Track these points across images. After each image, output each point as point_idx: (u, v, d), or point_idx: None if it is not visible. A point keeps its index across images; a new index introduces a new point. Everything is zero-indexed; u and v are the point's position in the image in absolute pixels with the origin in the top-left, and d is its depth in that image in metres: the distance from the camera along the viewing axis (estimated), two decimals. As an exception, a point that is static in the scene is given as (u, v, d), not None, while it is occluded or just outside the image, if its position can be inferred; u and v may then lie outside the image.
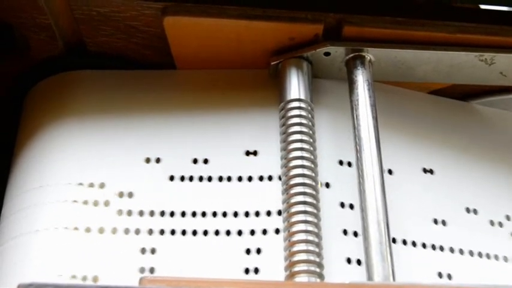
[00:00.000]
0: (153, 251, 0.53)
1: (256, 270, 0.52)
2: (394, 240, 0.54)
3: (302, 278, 0.49)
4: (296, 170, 0.53)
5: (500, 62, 0.59)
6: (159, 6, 0.56)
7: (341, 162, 0.57)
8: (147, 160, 0.56)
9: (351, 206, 0.55)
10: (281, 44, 0.58)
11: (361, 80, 0.57)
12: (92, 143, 0.57)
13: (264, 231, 0.54)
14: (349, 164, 0.57)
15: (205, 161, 0.56)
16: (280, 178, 0.55)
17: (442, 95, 0.63)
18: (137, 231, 0.54)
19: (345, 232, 0.54)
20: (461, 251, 0.56)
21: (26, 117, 0.60)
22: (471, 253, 0.56)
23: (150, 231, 0.54)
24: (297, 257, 0.50)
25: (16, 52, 0.59)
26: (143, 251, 0.53)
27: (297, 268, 0.50)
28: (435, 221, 0.56)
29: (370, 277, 0.49)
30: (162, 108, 0.58)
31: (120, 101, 0.59)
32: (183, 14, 0.56)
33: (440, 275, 0.54)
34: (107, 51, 0.60)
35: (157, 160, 0.56)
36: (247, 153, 0.57)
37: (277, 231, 0.53)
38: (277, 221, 0.54)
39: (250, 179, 0.56)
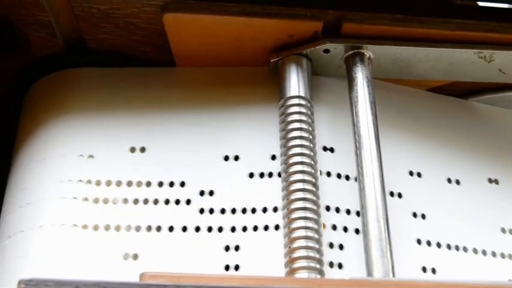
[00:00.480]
0: (237, 248, 0.53)
1: (340, 266, 0.52)
2: (465, 249, 0.56)
3: (302, 274, 0.49)
4: (296, 166, 0.53)
5: (499, 59, 0.59)
6: (159, 4, 0.56)
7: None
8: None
9: None
10: (280, 41, 0.58)
11: (361, 77, 0.57)
12: (92, 140, 0.57)
13: (345, 229, 0.54)
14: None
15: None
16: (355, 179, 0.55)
17: (440, 93, 0.63)
18: (220, 229, 0.54)
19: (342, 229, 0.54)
20: None
21: (26, 115, 0.60)
22: None
23: (233, 229, 0.54)
24: (297, 254, 0.50)
25: (16, 49, 0.59)
26: (227, 248, 0.53)
27: (297, 264, 0.50)
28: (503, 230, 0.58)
29: (369, 273, 0.49)
30: (162, 105, 0.58)
31: (120, 98, 0.59)
32: (183, 11, 0.56)
33: None
34: (107, 49, 0.60)
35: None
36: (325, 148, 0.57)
37: (349, 229, 0.54)
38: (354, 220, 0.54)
39: (328, 174, 0.56)
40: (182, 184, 0.55)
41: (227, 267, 0.52)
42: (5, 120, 0.62)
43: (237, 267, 0.52)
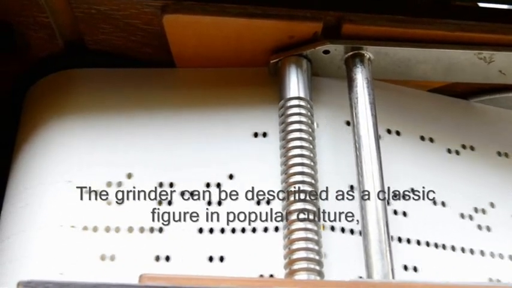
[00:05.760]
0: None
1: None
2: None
3: (302, 276, 0.49)
4: (295, 168, 0.53)
5: (499, 60, 0.59)
6: (159, 5, 0.56)
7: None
8: None
9: None
10: (281, 42, 0.58)
11: (360, 78, 0.57)
12: (92, 141, 0.57)
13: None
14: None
15: None
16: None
17: (441, 93, 0.63)
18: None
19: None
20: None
21: (26, 115, 0.60)
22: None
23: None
24: (296, 255, 0.50)
25: (16, 51, 0.59)
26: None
27: (296, 266, 0.50)
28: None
29: (369, 275, 0.49)
30: (162, 106, 0.58)
31: (120, 99, 0.59)
32: (182, 12, 0.56)
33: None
34: (107, 49, 0.60)
35: None
36: None
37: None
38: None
39: None
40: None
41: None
42: (5, 121, 0.62)
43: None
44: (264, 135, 0.57)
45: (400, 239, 0.55)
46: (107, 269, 0.52)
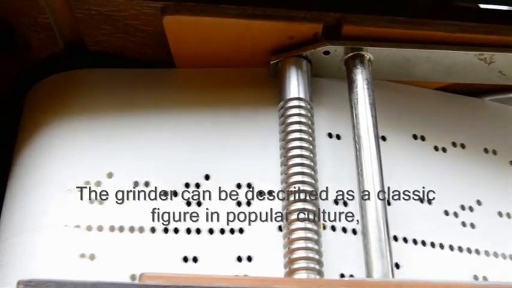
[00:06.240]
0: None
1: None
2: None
3: (301, 275, 0.49)
4: (295, 168, 0.53)
5: (500, 61, 0.59)
6: (159, 6, 0.56)
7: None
8: None
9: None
10: (280, 43, 0.58)
11: (361, 79, 0.57)
12: (92, 142, 0.57)
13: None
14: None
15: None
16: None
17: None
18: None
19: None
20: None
21: (26, 116, 0.60)
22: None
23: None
24: (296, 254, 0.50)
25: (16, 51, 0.59)
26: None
27: (296, 265, 0.50)
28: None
29: (369, 274, 0.49)
30: (162, 106, 0.58)
31: (120, 99, 0.59)
32: (182, 13, 0.56)
33: None
34: (107, 50, 0.60)
35: None
36: None
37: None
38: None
39: None
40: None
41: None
42: (6, 122, 0.62)
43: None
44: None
45: (469, 250, 0.56)
46: (189, 271, 0.51)
